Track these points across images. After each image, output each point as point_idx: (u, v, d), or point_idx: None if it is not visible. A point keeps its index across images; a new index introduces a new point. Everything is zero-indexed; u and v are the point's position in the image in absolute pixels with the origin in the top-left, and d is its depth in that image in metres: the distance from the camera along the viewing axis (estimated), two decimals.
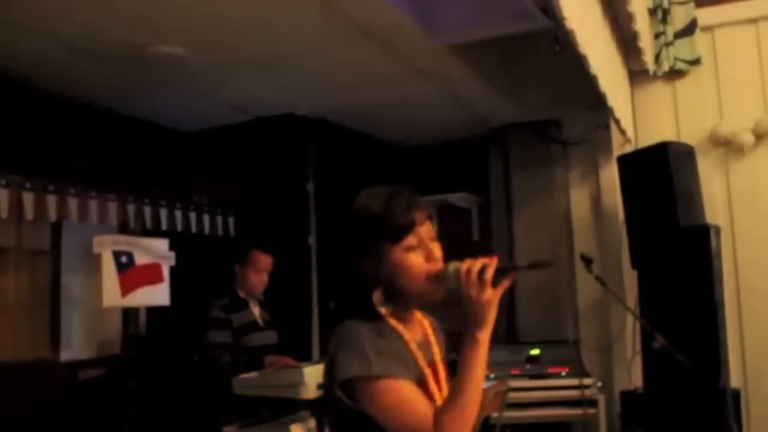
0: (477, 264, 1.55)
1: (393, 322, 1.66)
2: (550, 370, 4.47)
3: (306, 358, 4.47)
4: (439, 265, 1.62)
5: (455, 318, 1.63)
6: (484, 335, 1.56)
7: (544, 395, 4.35)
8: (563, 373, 4.44)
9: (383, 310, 1.65)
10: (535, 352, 4.58)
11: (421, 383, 1.62)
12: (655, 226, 4.22)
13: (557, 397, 4.35)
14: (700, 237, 4.06)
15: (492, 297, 1.55)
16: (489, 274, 1.54)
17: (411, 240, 1.62)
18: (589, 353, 4.83)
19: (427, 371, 1.66)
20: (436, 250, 1.64)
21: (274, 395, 3.35)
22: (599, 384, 4.38)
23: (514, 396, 4.02)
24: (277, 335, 4.32)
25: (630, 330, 4.64)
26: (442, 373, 1.71)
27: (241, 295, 4.25)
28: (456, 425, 1.51)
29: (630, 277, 4.61)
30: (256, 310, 4.27)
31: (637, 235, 4.40)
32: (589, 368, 4.60)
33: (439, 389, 1.67)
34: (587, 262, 4.01)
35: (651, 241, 4.26)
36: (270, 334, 4.27)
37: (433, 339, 1.76)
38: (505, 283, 1.56)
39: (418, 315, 1.77)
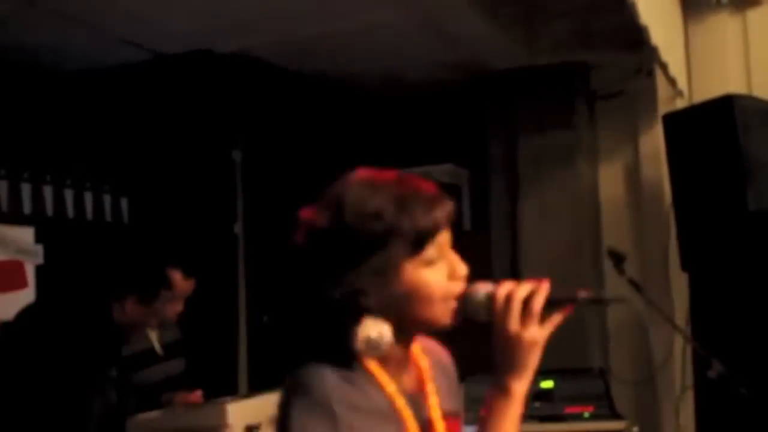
0: (521, 289, 1.58)
1: (374, 367, 1.63)
2: (568, 410, 4.46)
3: (230, 391, 4.44)
4: (461, 285, 1.63)
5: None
6: (520, 387, 1.59)
7: None
8: (586, 414, 4.44)
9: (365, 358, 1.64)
10: (548, 384, 4.57)
11: None
12: (714, 212, 4.24)
13: None
14: None
15: (538, 336, 1.58)
16: (537, 303, 1.57)
17: (431, 252, 1.59)
18: (621, 387, 4.87)
19: None
20: (460, 265, 1.64)
21: None
22: (636, 429, 4.37)
23: None
24: (185, 362, 4.31)
25: (678, 355, 4.68)
26: None
27: None
28: None
29: (679, 283, 4.64)
30: (152, 334, 4.23)
31: (689, 224, 4.43)
32: (622, 407, 4.60)
33: None
34: (618, 259, 4.00)
35: (709, 233, 4.28)
36: (172, 363, 4.26)
37: (429, 387, 1.73)
38: (557, 319, 1.59)
39: (415, 353, 1.74)
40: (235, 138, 5.23)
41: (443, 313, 1.61)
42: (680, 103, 4.85)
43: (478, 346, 1.90)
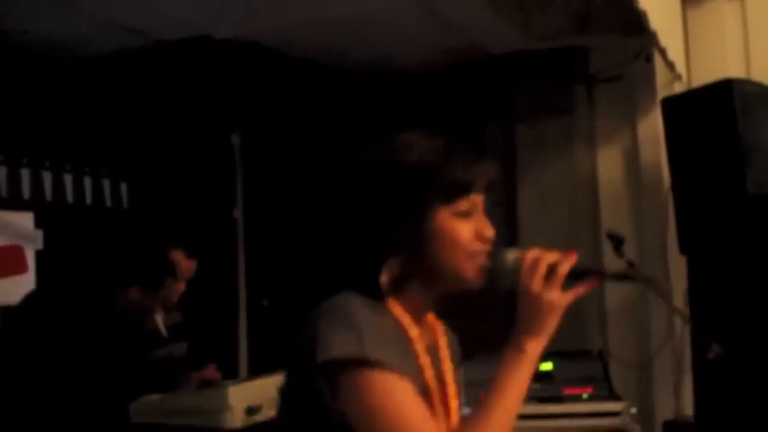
0: (549, 255, 1.63)
1: (398, 309, 1.68)
2: (567, 392, 4.45)
3: (231, 374, 4.45)
4: (487, 246, 1.70)
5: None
6: (535, 347, 1.63)
7: (559, 425, 4.35)
8: (585, 396, 4.44)
9: (390, 299, 1.68)
10: (547, 366, 4.54)
11: (424, 399, 1.61)
12: (713, 195, 4.24)
13: (577, 427, 4.36)
14: None
15: (559, 300, 1.61)
16: (563, 269, 1.62)
17: (464, 204, 1.68)
18: (620, 369, 4.88)
19: (434, 385, 1.68)
20: (489, 228, 1.71)
21: (186, 424, 3.36)
22: (634, 411, 4.36)
23: (519, 426, 4.03)
24: (188, 345, 4.32)
25: (677, 337, 4.70)
26: (453, 399, 1.74)
27: None
28: None
29: (678, 265, 4.65)
30: (157, 316, 4.25)
31: (687, 207, 4.43)
32: (621, 389, 4.59)
33: (446, 415, 1.69)
34: (617, 242, 4.00)
35: (708, 216, 4.28)
36: (176, 345, 4.27)
37: (444, 352, 1.80)
38: (581, 289, 1.64)
39: (432, 317, 1.81)
40: (234, 122, 5.23)
41: (469, 267, 1.67)
42: (679, 87, 4.86)
43: (477, 329, 1.92)
